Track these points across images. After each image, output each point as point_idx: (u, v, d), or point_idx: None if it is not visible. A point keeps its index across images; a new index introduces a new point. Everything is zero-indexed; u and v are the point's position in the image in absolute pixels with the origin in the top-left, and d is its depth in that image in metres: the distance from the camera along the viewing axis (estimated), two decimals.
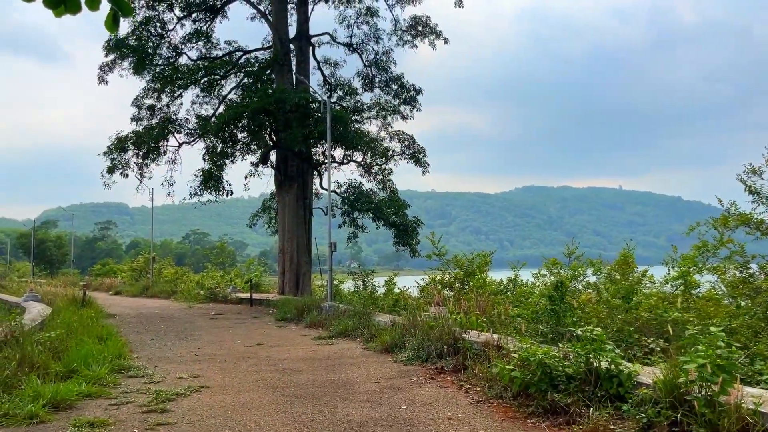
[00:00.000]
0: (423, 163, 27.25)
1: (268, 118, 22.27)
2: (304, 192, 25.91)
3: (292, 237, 25.52)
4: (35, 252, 79.51)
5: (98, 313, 21.03)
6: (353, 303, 17.37)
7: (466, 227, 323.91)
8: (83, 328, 13.76)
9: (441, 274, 16.40)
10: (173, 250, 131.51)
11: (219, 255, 39.85)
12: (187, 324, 18.25)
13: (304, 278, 25.79)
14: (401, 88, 27.19)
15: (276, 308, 21.93)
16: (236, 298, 27.10)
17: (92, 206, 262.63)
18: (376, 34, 27.55)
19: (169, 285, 35.21)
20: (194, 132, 24.97)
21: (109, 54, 24.38)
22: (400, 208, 24.88)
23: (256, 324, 17.88)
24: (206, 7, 25.81)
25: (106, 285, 43.43)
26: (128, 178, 25.36)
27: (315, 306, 17.90)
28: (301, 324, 17.16)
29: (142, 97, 26.96)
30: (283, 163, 25.35)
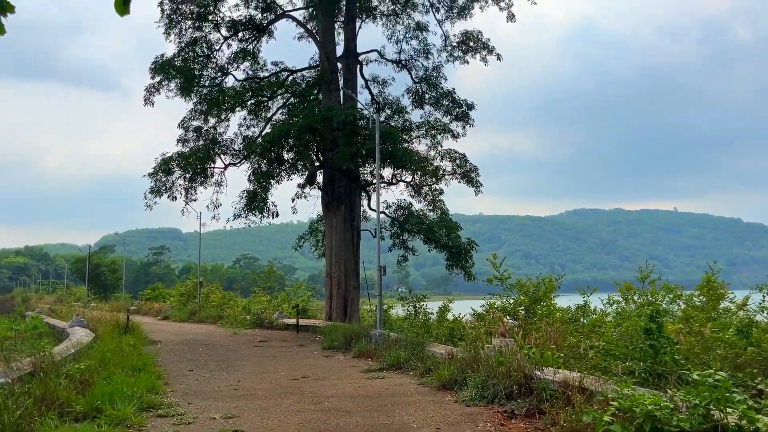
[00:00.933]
0: (475, 182, 25.93)
1: (315, 136, 21.48)
2: (351, 213, 24.93)
3: (340, 260, 24.50)
4: (90, 276, 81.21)
5: (140, 339, 20.39)
6: (404, 331, 16.09)
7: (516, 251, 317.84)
8: (119, 357, 12.94)
9: (501, 300, 15.00)
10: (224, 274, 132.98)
11: (266, 279, 39.19)
12: (229, 352, 17.32)
13: (352, 303, 24.67)
14: (453, 103, 26.06)
15: (323, 335, 20.85)
16: (282, 323, 26.18)
17: (147, 232, 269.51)
18: (425, 49, 26.63)
19: (216, 310, 34.66)
20: (240, 153, 24.40)
21: (155, 75, 24.18)
22: (452, 230, 23.57)
23: (302, 353, 16.80)
24: (252, 25, 25.41)
25: (155, 309, 43.34)
26: (176, 201, 24.94)
27: (364, 334, 16.70)
28: (349, 354, 15.98)
29: (189, 119, 26.66)
30: (330, 184, 24.46)
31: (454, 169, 26.31)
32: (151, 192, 24.08)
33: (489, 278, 13.81)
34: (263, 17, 25.57)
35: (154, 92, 24.91)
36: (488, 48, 26.44)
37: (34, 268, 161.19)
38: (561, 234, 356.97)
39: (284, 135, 21.12)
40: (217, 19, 24.66)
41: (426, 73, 26.58)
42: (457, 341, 13.55)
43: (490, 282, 13.73)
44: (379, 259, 18.13)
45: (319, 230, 27.74)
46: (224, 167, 25.35)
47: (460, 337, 14.32)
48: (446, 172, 26.32)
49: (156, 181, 24.09)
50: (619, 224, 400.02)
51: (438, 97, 26.27)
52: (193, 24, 24.30)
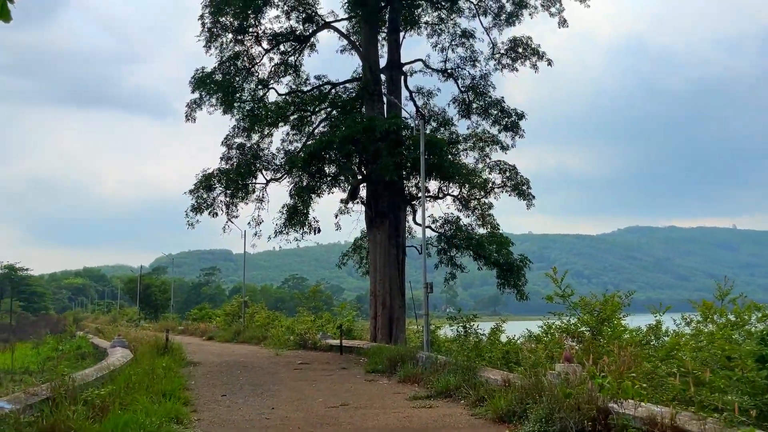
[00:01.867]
0: (527, 195, 24.50)
1: (357, 148, 20.54)
2: (396, 229, 23.84)
3: (384, 278, 23.39)
4: (141, 297, 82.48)
5: (178, 361, 19.70)
6: (454, 354, 14.82)
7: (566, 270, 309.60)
8: (148, 380, 12.13)
9: (560, 319, 13.59)
10: (273, 294, 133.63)
11: (311, 299, 38.36)
12: (268, 375, 16.36)
13: (398, 324, 23.47)
14: (501, 112, 24.80)
15: (366, 357, 19.72)
16: (326, 345, 25.17)
17: (199, 253, 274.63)
18: (472, 57, 25.52)
19: (260, 330, 33.97)
20: (282, 168, 23.70)
21: (195, 90, 23.82)
22: (503, 245, 22.18)
23: (344, 376, 15.69)
24: (294, 37, 24.86)
25: (201, 330, 43.06)
26: (217, 217, 24.38)
27: (410, 357, 15.48)
28: (394, 378, 14.78)
29: (232, 136, 26.20)
30: (374, 199, 23.48)
31: (504, 182, 24.97)
32: (192, 209, 23.58)
33: (549, 296, 12.44)
34: (304, 29, 25.01)
35: (196, 108, 24.56)
36: (538, 54, 25.16)
37: (91, 288, 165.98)
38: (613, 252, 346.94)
39: (325, 147, 20.26)
40: (258, 32, 24.20)
41: (473, 81, 25.45)
42: (513, 366, 12.22)
43: (550, 300, 12.36)
44: (425, 276, 16.95)
45: (363, 247, 26.74)
46: (266, 183, 24.71)
47: (516, 362, 12.97)
48: (495, 185, 25.02)
49: (197, 197, 23.59)
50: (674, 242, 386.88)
51: (486, 106, 25.06)
52: (233, 37, 23.90)
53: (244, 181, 23.82)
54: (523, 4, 26.03)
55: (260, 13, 23.74)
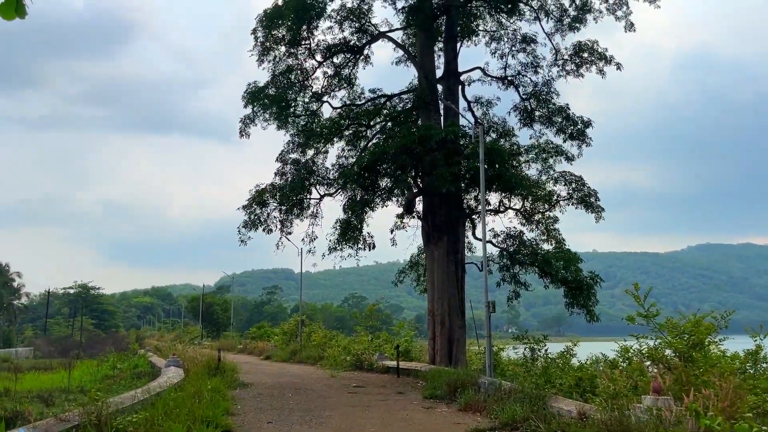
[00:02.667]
0: (596, 207, 22.87)
1: (412, 159, 19.55)
2: (454, 245, 22.67)
3: (443, 297, 22.22)
4: (204, 315, 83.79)
5: (230, 381, 19.10)
6: (520, 380, 13.52)
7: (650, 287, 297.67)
8: (190, 405, 11.41)
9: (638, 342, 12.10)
10: (333, 313, 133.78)
11: (368, 318, 37.44)
12: (320, 399, 15.44)
13: (458, 345, 22.19)
14: (566, 120, 23.36)
15: (424, 381, 18.54)
16: (383, 366, 24.11)
17: (262, 272, 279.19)
18: (534, 63, 24.24)
19: (317, 350, 33.25)
20: (335, 182, 22.99)
21: (247, 104, 23.53)
22: (571, 262, 20.63)
23: (399, 402, 14.59)
24: (348, 48, 24.29)
25: (259, 348, 42.77)
26: (271, 234, 23.90)
27: (471, 382, 14.24)
28: (454, 405, 13.57)
29: (287, 151, 25.79)
30: (431, 213, 22.43)
31: (570, 194, 23.45)
32: (244, 225, 23.17)
33: (630, 316, 11.00)
34: (358, 39, 24.42)
35: (249, 123, 24.26)
36: (606, 58, 23.63)
37: (159, 307, 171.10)
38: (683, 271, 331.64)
39: (379, 158, 19.36)
40: (311, 44, 23.76)
41: (535, 88, 24.14)
42: (589, 396, 10.83)
43: (632, 321, 10.91)
44: (487, 294, 15.72)
45: (420, 264, 25.68)
46: (319, 198, 24.07)
47: (591, 391, 11.57)
48: (560, 197, 23.52)
49: (250, 213, 23.16)
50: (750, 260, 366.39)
51: (549, 114, 23.69)
52: (286, 50, 23.52)
53: (297, 197, 23.24)
54: (586, 8, 24.65)
55: (313, 24, 23.29)
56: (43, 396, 19.15)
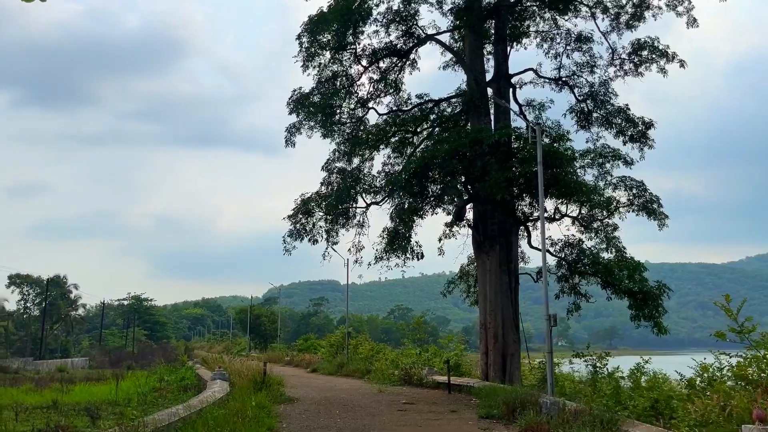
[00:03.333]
0: (659, 214, 21.47)
1: (462, 163, 18.63)
2: (507, 254, 21.63)
3: (496, 309, 21.17)
4: (252, 327, 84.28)
5: (276, 396, 18.51)
6: (585, 400, 12.40)
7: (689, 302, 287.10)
8: (233, 424, 10.78)
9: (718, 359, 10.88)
10: (379, 325, 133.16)
11: (416, 331, 36.53)
12: (368, 417, 14.63)
13: (512, 360, 21.08)
14: (626, 122, 22.07)
15: (479, 398, 17.51)
16: (433, 381, 23.13)
17: (309, 284, 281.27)
18: (590, 63, 23.06)
19: (364, 363, 32.50)
20: (382, 190, 22.28)
21: (292, 112, 23.11)
22: (635, 271, 19.28)
23: (453, 423, 13.64)
24: (394, 51, 23.64)
25: (306, 361, 42.30)
26: (317, 244, 23.35)
27: (531, 401, 13.18)
28: (513, 427, 12.54)
29: (332, 160, 25.29)
30: (482, 221, 21.46)
31: (630, 200, 22.09)
32: (290, 235, 22.67)
33: (719, 332, 9.81)
34: (404, 43, 23.77)
35: (295, 132, 23.84)
36: (667, 56, 22.26)
37: (209, 318, 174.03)
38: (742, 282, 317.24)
39: (428, 163, 18.52)
40: (356, 49, 23.22)
41: (591, 89, 22.95)
42: (671, 423, 9.68)
43: (722, 337, 9.73)
44: (547, 306, 14.62)
45: (470, 274, 24.67)
46: (366, 207, 23.39)
47: (668, 413, 10.40)
48: (620, 203, 22.19)
49: (295, 223, 22.66)
50: None
51: (607, 115, 22.44)
52: (332, 55, 23.03)
53: (343, 206, 22.63)
54: (645, 5, 23.37)
55: (358, 28, 22.74)
56: (90, 409, 18.95)
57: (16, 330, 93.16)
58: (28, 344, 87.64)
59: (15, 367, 53.94)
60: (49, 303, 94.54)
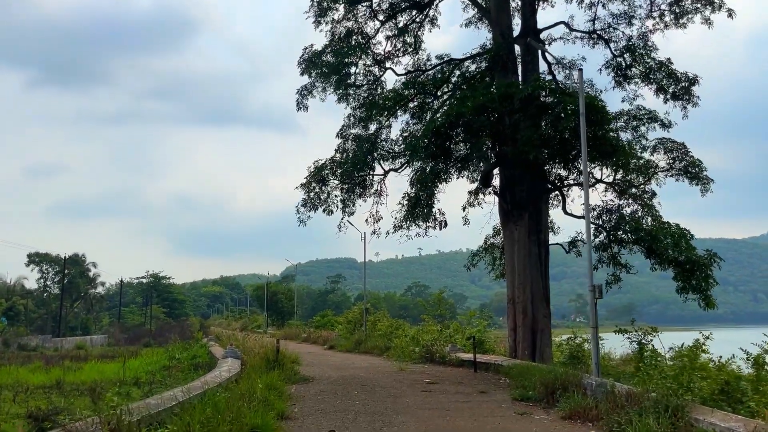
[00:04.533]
0: (702, 179, 19.72)
1: (490, 119, 16.83)
2: (537, 223, 20.05)
3: (525, 282, 19.67)
4: (269, 304, 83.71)
5: (291, 375, 17.28)
6: (636, 380, 10.93)
7: None
8: (238, 409, 9.47)
9: None
10: (396, 302, 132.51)
11: (436, 306, 35.17)
12: (390, 399, 13.30)
13: (542, 336, 19.64)
14: (668, 77, 20.19)
15: (509, 378, 16.12)
16: (456, 359, 21.79)
17: (326, 262, 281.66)
18: (628, 12, 21.09)
19: (383, 340, 31.26)
20: (402, 154, 20.65)
21: (304, 73, 21.53)
22: (681, 238, 17.61)
23: (484, 405, 12.25)
24: (413, 3, 21.84)
25: (323, 338, 41.24)
26: (332, 215, 21.93)
27: (573, 382, 11.72)
28: (554, 411, 11.10)
29: (347, 126, 23.74)
30: (509, 187, 19.86)
31: (670, 164, 20.35)
32: (303, 205, 21.23)
33: None
34: None
35: (307, 95, 22.28)
36: (713, 3, 20.24)
37: (227, 296, 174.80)
38: (764, 258, 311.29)
39: (453, 121, 16.81)
40: (372, 2, 21.47)
41: (629, 42, 21.02)
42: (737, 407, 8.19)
43: None
44: (591, 276, 13.06)
45: (496, 246, 23.13)
46: (384, 174, 21.88)
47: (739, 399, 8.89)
48: (659, 168, 20.47)
49: (309, 192, 21.21)
50: None
51: (647, 70, 20.53)
52: (345, 11, 21.34)
53: (360, 173, 21.11)
54: None
55: None
56: (95, 388, 17.96)
57: (37, 308, 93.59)
58: (48, 322, 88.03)
59: (33, 344, 54.00)
60: (68, 281, 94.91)
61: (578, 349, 24.48)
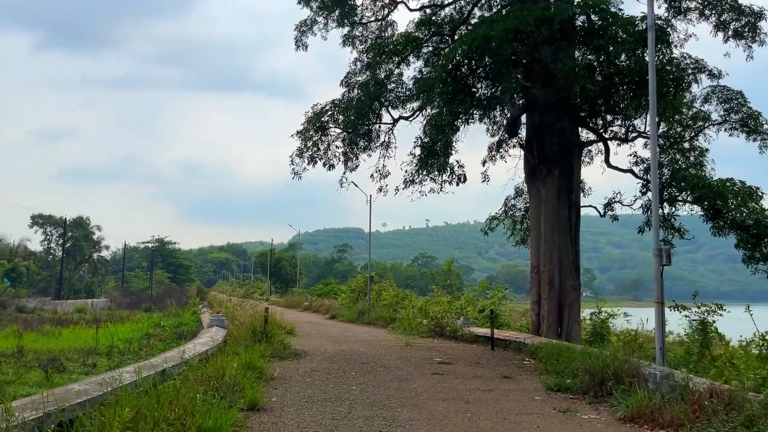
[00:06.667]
0: (762, 133, 16.91)
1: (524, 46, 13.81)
2: (568, 182, 17.38)
3: (552, 248, 17.09)
4: (272, 271, 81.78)
5: (279, 350, 14.90)
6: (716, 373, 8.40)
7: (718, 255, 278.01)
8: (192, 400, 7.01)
9: None
10: (402, 272, 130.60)
11: (446, 276, 32.69)
12: (394, 385, 10.84)
13: (570, 311, 17.12)
14: (731, 10, 17.13)
15: (536, 360, 13.67)
16: (470, 334, 19.39)
17: (333, 231, 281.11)
18: None
19: (388, 310, 28.93)
20: (414, 96, 17.77)
21: (301, 3, 18.67)
22: (749, 198, 14.87)
23: (513, 396, 9.76)
24: None
25: (325, 307, 39.01)
26: (333, 169, 19.33)
27: (628, 372, 9.17)
28: (606, 410, 8.59)
29: (353, 73, 20.96)
30: (538, 138, 17.10)
31: (724, 116, 17.52)
32: (299, 155, 18.57)
33: None
34: None
35: (306, 31, 19.49)
36: None
37: (233, 263, 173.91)
38: None
39: (477, 49, 13.82)
40: None
41: None
42: None
43: None
44: (657, 235, 10.34)
45: (517, 208, 20.49)
46: (392, 123, 19.16)
47: None
48: (710, 120, 17.65)
49: (305, 141, 18.52)
50: None
51: (705, 3, 17.44)
52: None
53: (364, 121, 18.38)
54: None
55: None
56: (56, 358, 15.73)
57: (41, 270, 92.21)
58: (52, 285, 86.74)
59: (32, 306, 52.55)
60: (72, 244, 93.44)
61: (602, 326, 22.05)
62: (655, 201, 10.21)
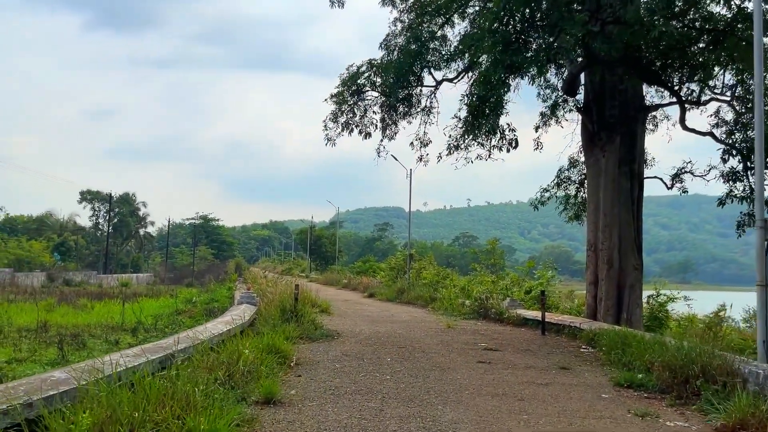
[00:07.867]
0: None
1: None
2: (630, 151, 15.56)
3: (612, 224, 15.37)
4: (312, 248, 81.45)
5: (309, 330, 13.73)
6: None
7: None
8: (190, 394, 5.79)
9: None
10: (443, 252, 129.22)
11: (489, 256, 31.04)
12: (434, 374, 9.48)
13: (631, 294, 15.40)
14: None
15: (595, 347, 12.12)
16: (517, 316, 17.88)
17: (374, 210, 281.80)
18: None
19: (428, 290, 27.60)
20: (460, 53, 16.04)
21: None
22: None
23: (575, 393, 8.27)
24: None
25: (363, 284, 37.94)
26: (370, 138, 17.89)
27: (721, 367, 7.56)
28: (695, 414, 7.04)
29: (392, 35, 19.38)
30: (598, 101, 15.30)
31: None
32: (333, 120, 17.18)
33: None
34: None
35: None
36: None
37: (276, 240, 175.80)
38: None
39: None
40: None
41: None
42: None
43: None
44: (762, 207, 8.59)
45: (571, 180, 18.73)
46: (435, 85, 17.56)
47: None
48: None
49: (340, 104, 17.11)
50: None
51: None
52: None
53: (404, 83, 16.82)
54: None
55: None
56: (78, 335, 14.97)
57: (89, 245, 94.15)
58: (100, 259, 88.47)
59: (78, 280, 53.59)
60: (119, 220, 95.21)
61: (660, 310, 20.24)
62: (760, 160, 8.43)
